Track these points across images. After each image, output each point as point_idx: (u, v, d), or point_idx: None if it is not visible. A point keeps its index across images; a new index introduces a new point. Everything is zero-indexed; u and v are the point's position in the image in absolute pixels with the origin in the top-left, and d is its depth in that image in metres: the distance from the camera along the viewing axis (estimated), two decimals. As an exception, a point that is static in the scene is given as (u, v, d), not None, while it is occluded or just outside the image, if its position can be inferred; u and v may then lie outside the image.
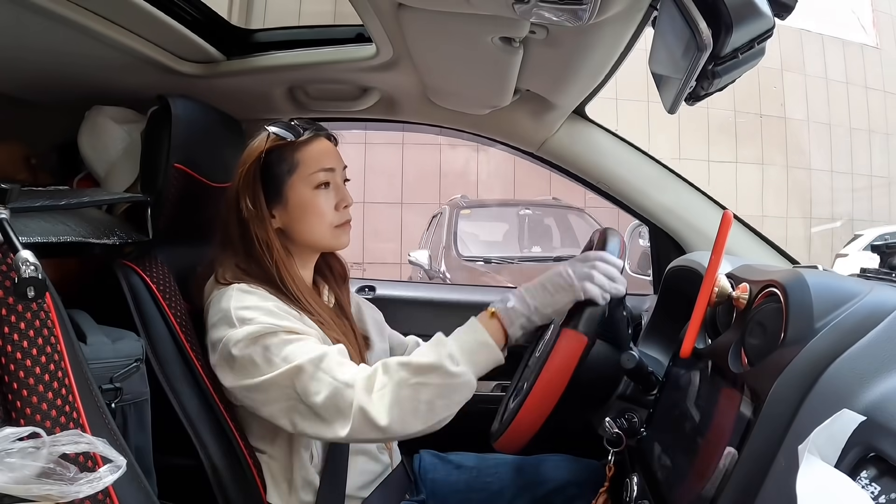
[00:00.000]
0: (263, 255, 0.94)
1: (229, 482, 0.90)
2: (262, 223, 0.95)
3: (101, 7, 0.92)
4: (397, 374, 0.82)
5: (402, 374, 0.82)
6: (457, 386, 0.82)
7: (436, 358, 0.81)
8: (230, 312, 0.87)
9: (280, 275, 0.94)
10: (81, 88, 1.18)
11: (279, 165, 0.96)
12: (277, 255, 0.94)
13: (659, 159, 1.38)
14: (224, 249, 0.97)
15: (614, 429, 0.89)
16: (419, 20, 0.87)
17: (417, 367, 0.82)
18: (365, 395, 0.81)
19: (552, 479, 1.13)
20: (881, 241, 0.84)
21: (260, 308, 0.88)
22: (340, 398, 0.81)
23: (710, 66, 0.67)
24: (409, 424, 0.82)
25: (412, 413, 0.81)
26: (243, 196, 0.95)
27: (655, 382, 0.93)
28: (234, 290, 0.91)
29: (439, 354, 0.82)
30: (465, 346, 0.84)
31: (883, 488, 0.40)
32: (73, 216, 0.93)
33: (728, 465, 0.58)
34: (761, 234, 1.35)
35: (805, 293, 0.60)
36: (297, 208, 0.96)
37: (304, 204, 0.96)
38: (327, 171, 0.97)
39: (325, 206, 0.97)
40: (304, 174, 0.96)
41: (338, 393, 0.81)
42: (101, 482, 0.54)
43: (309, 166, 0.96)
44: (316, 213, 0.96)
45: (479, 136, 1.41)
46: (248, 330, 0.85)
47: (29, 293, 0.62)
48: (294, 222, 0.97)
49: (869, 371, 0.50)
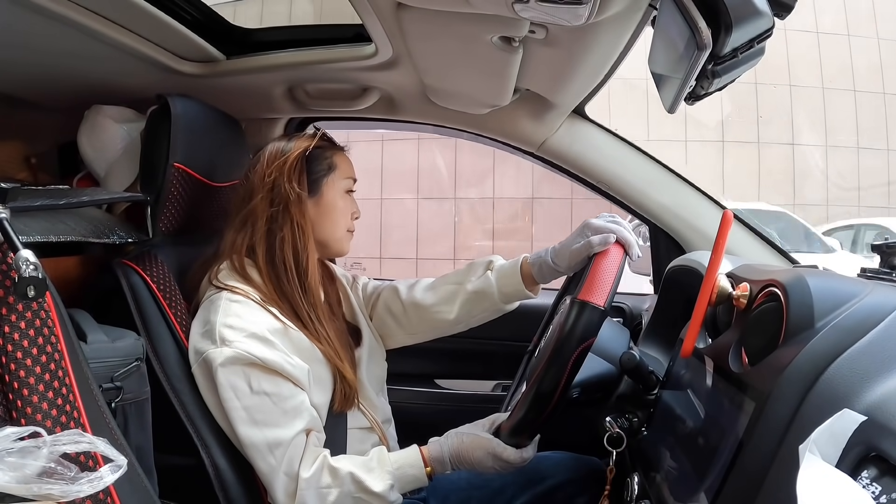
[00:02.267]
0: (293, 239, 0.97)
1: (230, 481, 0.90)
2: (300, 206, 0.98)
3: (102, 7, 0.92)
4: (346, 485, 0.89)
5: (350, 488, 0.89)
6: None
7: (384, 488, 0.89)
8: (215, 327, 0.88)
9: (306, 262, 0.97)
10: (81, 88, 1.18)
11: (321, 163, 1.02)
12: (309, 241, 0.99)
13: (659, 159, 1.39)
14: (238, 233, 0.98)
15: (615, 428, 0.89)
16: (419, 20, 0.87)
17: (367, 490, 0.89)
18: (310, 494, 0.88)
19: (553, 477, 1.13)
20: (881, 241, 0.84)
21: (243, 330, 0.88)
22: (287, 490, 0.89)
23: (710, 66, 0.67)
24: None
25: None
26: (289, 179, 0.98)
27: (656, 382, 0.93)
28: (223, 299, 0.91)
29: (386, 484, 0.90)
30: (408, 480, 0.92)
31: (884, 488, 0.40)
32: (72, 215, 0.93)
33: (728, 464, 0.58)
34: (761, 233, 1.35)
35: (805, 293, 0.60)
36: (329, 205, 1.02)
37: (335, 202, 1.03)
38: (352, 181, 1.06)
39: (347, 211, 1.05)
40: (340, 176, 1.04)
41: (284, 485, 0.88)
42: (101, 482, 0.54)
43: (343, 171, 1.04)
44: (341, 213, 1.04)
45: (479, 135, 1.41)
46: (225, 353, 0.87)
47: (29, 292, 0.63)
48: (322, 217, 1.02)
49: (869, 371, 0.50)
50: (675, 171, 1.38)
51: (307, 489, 0.88)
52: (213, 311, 0.90)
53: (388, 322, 1.16)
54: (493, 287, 1.06)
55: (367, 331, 1.13)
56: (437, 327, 1.13)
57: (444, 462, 0.93)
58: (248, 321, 0.89)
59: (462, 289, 1.08)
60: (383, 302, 1.17)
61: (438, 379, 1.65)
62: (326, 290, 1.09)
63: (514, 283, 1.05)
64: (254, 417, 0.88)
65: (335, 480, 0.89)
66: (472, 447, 0.92)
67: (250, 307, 0.91)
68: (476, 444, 0.92)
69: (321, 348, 0.95)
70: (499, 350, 1.53)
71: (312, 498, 0.88)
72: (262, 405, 0.88)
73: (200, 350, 0.89)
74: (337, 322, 1.05)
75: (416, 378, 1.60)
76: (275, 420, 0.88)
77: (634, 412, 0.93)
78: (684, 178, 1.37)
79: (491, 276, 1.07)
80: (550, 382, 0.82)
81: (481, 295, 1.07)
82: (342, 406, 0.98)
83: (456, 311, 1.09)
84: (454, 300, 1.09)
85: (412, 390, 1.57)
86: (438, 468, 0.93)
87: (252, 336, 0.88)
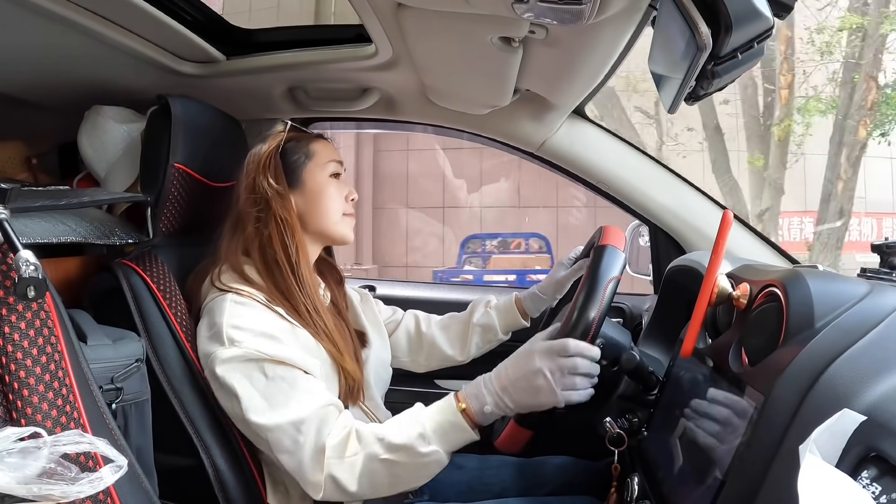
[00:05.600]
0: (281, 234, 0.96)
1: (230, 482, 0.90)
2: (283, 201, 0.98)
3: (102, 7, 0.92)
4: (369, 447, 0.83)
5: (374, 448, 0.83)
6: (426, 464, 0.83)
7: (407, 438, 0.82)
8: (222, 328, 0.88)
9: (297, 256, 0.96)
10: (81, 88, 1.18)
11: (296, 153, 1.02)
12: (298, 235, 0.98)
13: (658, 159, 1.39)
14: (232, 237, 0.99)
15: (615, 429, 0.89)
16: (418, 20, 0.87)
17: (389, 445, 0.82)
18: (336, 463, 0.83)
19: (553, 481, 1.13)
20: (881, 241, 0.84)
21: (251, 330, 0.88)
22: (313, 465, 0.83)
23: (710, 66, 0.67)
24: (378, 491, 0.85)
25: (381, 484, 0.84)
26: (264, 177, 0.98)
27: (656, 382, 0.93)
28: (228, 301, 0.90)
29: (412, 434, 0.82)
30: (439, 427, 0.83)
31: (884, 488, 0.40)
32: (73, 216, 0.93)
33: (728, 464, 0.58)
34: (761, 233, 1.35)
35: (805, 293, 0.60)
36: (314, 192, 1.01)
37: (320, 188, 1.02)
38: (338, 164, 1.05)
39: (338, 194, 1.03)
40: (320, 162, 1.03)
41: (312, 459, 0.83)
42: (102, 482, 0.54)
43: (323, 156, 1.03)
44: (330, 198, 1.02)
45: (479, 136, 1.41)
46: (234, 352, 0.86)
47: (29, 293, 0.63)
48: (310, 205, 1.01)
49: (869, 371, 0.50)
50: (674, 171, 1.38)
51: (334, 458, 0.83)
52: (218, 313, 0.90)
53: (403, 346, 1.23)
54: (494, 322, 1.20)
55: (377, 338, 1.14)
56: (445, 361, 1.24)
57: (480, 396, 0.83)
58: (255, 321, 0.89)
59: (470, 323, 1.21)
60: (405, 326, 1.24)
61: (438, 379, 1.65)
62: (333, 292, 1.10)
63: (513, 316, 1.20)
64: (274, 402, 0.85)
65: (361, 444, 0.84)
66: (517, 363, 0.84)
67: (256, 308, 0.91)
68: (523, 355, 0.84)
69: (323, 344, 0.95)
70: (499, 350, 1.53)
71: (340, 468, 0.83)
72: (280, 389, 0.85)
73: (209, 352, 0.88)
74: (340, 320, 1.06)
75: (417, 378, 1.60)
76: (297, 398, 0.85)
77: (634, 412, 0.92)
78: (684, 179, 1.38)
79: (492, 313, 1.20)
80: (590, 298, 0.85)
81: (486, 328, 1.20)
82: (347, 401, 0.97)
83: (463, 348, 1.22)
84: (465, 337, 1.21)
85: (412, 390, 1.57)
86: (475, 405, 0.83)
87: (261, 335, 0.88)
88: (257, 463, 0.95)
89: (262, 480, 0.94)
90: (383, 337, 1.17)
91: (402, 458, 0.82)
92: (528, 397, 0.81)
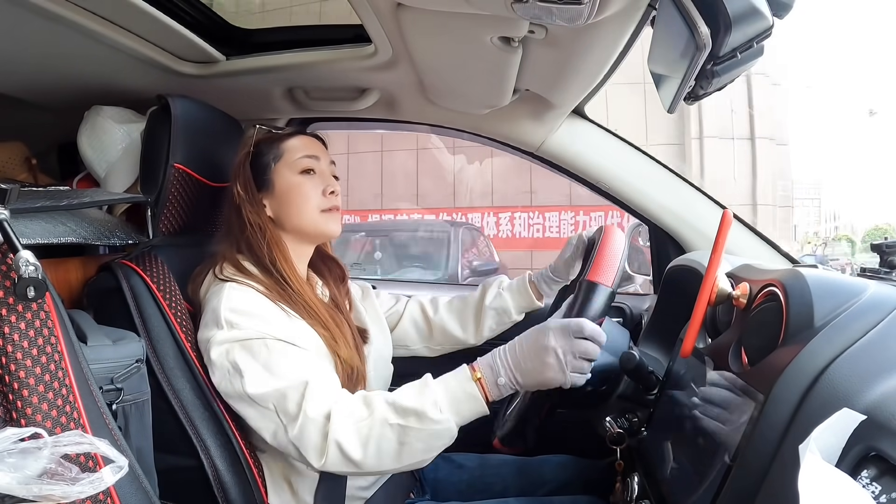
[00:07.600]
0: (255, 238, 0.98)
1: (230, 482, 0.90)
2: (253, 207, 0.99)
3: (101, 8, 0.92)
4: (379, 412, 0.81)
5: (384, 413, 0.80)
6: (437, 432, 0.80)
7: (419, 403, 0.80)
8: (219, 312, 0.89)
9: (272, 256, 0.97)
10: (81, 88, 1.18)
11: (266, 155, 1.02)
12: (270, 236, 0.98)
13: (658, 159, 1.39)
14: (225, 239, 1.01)
15: (615, 429, 0.89)
16: (418, 20, 0.87)
17: (400, 408, 0.80)
18: (342, 429, 0.80)
19: (554, 480, 1.13)
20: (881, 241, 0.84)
21: (248, 313, 0.89)
22: (318, 430, 0.81)
23: (710, 66, 0.67)
24: (383, 462, 0.81)
25: (388, 452, 0.80)
26: (234, 184, 1.01)
27: (656, 382, 0.93)
28: (226, 288, 0.92)
29: (423, 399, 0.80)
30: (451, 395, 0.82)
31: (883, 488, 0.40)
32: (73, 217, 0.93)
33: (728, 464, 0.58)
34: (761, 233, 1.35)
35: (805, 293, 0.60)
36: (284, 193, 1.00)
37: (290, 188, 1.00)
38: (311, 158, 1.02)
39: (311, 191, 1.01)
40: (289, 160, 1.02)
41: (315, 424, 0.81)
42: (102, 482, 0.54)
43: (293, 153, 1.02)
44: (302, 196, 1.00)
45: (479, 136, 1.41)
46: (233, 334, 0.87)
47: (29, 293, 0.63)
48: (283, 207, 1.00)
49: (869, 370, 0.50)
50: (674, 171, 1.38)
51: (339, 422, 0.80)
52: (217, 299, 0.91)
53: (412, 335, 1.22)
54: (508, 304, 1.17)
55: (378, 334, 1.14)
56: (458, 344, 1.22)
57: (494, 367, 0.82)
58: (252, 305, 0.90)
59: (483, 306, 1.19)
60: (410, 316, 1.23)
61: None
62: (333, 289, 1.10)
63: (526, 297, 1.18)
64: (276, 370, 0.84)
65: (369, 409, 0.81)
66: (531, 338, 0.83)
67: (254, 294, 0.92)
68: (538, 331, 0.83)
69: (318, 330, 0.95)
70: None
71: (346, 432, 0.80)
72: (282, 357, 0.85)
73: (207, 336, 0.89)
74: (339, 314, 1.05)
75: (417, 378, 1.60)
76: (300, 365, 0.85)
77: (634, 412, 0.93)
78: (684, 178, 1.37)
79: (505, 294, 1.18)
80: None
81: (500, 311, 1.18)
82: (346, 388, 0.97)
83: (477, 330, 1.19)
84: (478, 320, 1.19)
85: None
86: (489, 376, 0.82)
87: (258, 317, 0.89)
88: (257, 462, 0.95)
89: (261, 480, 0.94)
90: (385, 332, 1.17)
91: (413, 424, 0.79)
92: (536, 374, 0.81)
